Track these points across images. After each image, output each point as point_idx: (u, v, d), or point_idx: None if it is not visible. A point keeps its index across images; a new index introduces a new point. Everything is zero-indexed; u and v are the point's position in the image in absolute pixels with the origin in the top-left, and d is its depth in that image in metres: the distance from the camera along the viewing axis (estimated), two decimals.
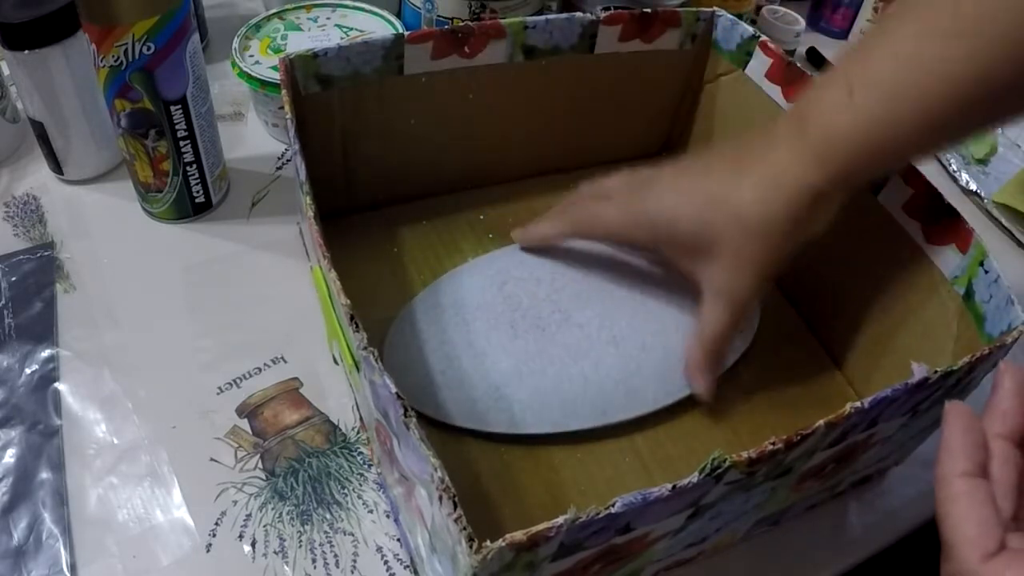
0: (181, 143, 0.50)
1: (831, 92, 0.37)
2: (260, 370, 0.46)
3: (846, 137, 0.36)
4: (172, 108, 0.48)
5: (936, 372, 0.31)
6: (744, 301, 0.41)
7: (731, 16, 0.53)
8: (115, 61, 0.45)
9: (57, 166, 0.56)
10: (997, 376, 0.28)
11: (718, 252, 0.40)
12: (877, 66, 0.35)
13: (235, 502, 0.40)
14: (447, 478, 0.26)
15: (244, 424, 0.43)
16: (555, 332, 0.44)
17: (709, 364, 0.43)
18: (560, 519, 0.25)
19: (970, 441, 0.27)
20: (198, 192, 0.53)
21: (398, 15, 0.66)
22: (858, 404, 0.30)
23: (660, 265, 0.47)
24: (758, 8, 0.78)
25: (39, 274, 0.50)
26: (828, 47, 0.82)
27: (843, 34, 0.85)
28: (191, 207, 0.54)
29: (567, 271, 0.47)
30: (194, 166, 0.52)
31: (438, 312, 0.46)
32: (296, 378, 0.46)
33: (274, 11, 0.62)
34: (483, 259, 0.50)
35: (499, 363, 0.43)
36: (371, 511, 0.40)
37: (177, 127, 0.49)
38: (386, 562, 0.38)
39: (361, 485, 0.41)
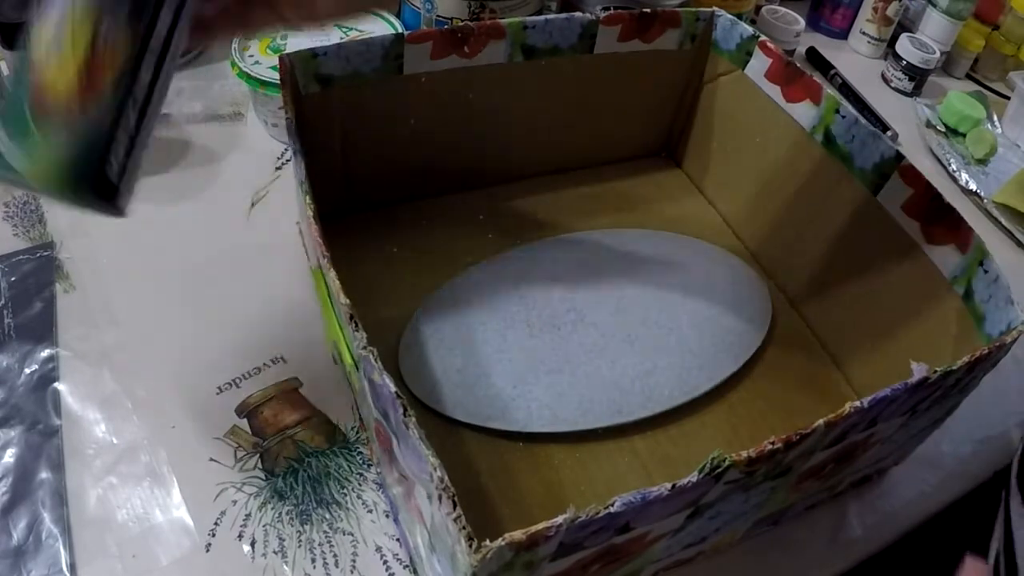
0: (144, 59, 0.31)
1: None
2: (260, 370, 0.46)
3: None
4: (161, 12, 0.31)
5: (936, 372, 0.31)
6: None
7: (731, 16, 0.53)
8: None
9: None
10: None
11: None
12: None
13: (235, 502, 0.40)
14: (446, 478, 0.26)
15: (244, 424, 0.43)
16: (571, 331, 0.45)
17: None
18: (559, 518, 0.25)
19: None
20: (116, 157, 0.31)
21: (398, 15, 0.66)
22: (857, 404, 0.30)
23: (674, 265, 0.48)
24: (758, 8, 0.78)
25: (39, 274, 0.50)
26: (828, 47, 0.82)
27: (843, 34, 0.85)
28: (92, 175, 0.31)
29: (581, 271, 0.47)
30: (137, 108, 0.31)
31: (453, 312, 0.46)
32: (296, 378, 0.46)
33: None
34: (497, 260, 0.50)
35: (515, 362, 0.43)
36: (371, 511, 0.40)
37: (155, 34, 0.31)
38: (385, 562, 0.38)
39: (361, 485, 0.41)
